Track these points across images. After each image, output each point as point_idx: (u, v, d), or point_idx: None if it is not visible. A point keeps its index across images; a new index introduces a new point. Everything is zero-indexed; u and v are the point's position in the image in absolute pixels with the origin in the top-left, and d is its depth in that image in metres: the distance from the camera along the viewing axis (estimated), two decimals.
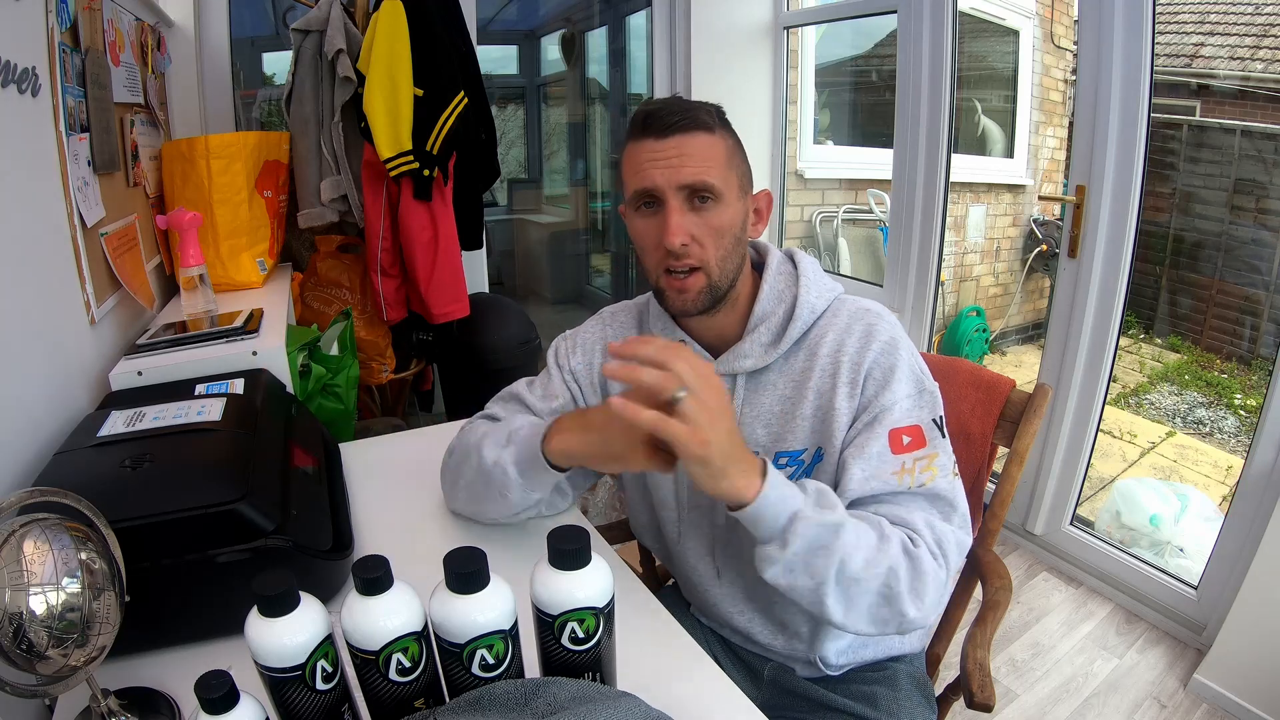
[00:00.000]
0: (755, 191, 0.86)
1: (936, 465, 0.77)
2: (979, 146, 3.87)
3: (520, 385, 0.96)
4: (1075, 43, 3.23)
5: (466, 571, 0.51)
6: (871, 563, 0.69)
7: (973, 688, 0.86)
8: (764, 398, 0.85)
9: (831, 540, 0.68)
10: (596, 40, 3.57)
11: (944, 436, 0.80)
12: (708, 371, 0.66)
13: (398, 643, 0.52)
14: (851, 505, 0.76)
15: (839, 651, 0.91)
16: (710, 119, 0.79)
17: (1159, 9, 1.64)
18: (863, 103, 3.49)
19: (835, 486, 0.78)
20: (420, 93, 1.68)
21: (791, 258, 0.89)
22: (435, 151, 1.72)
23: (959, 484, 0.79)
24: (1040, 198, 3.98)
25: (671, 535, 0.95)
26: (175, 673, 0.67)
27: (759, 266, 0.89)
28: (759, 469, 0.68)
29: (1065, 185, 1.90)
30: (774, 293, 0.85)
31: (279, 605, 0.50)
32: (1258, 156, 3.31)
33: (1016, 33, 3.72)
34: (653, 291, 0.87)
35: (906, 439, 0.77)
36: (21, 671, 0.54)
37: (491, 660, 0.53)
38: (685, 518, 0.92)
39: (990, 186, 3.89)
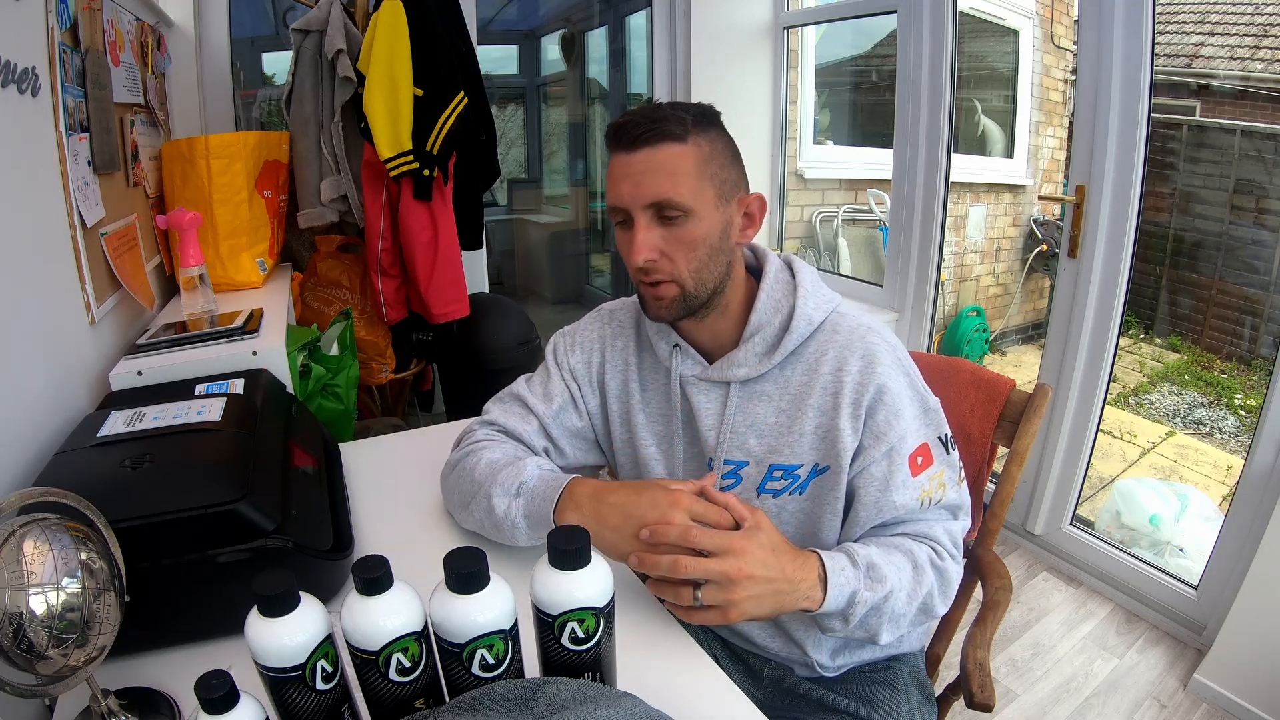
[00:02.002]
0: (748, 194, 0.84)
1: (946, 480, 0.83)
2: (979, 146, 3.86)
3: (520, 385, 0.96)
4: (1075, 43, 3.24)
5: (466, 571, 0.51)
6: (912, 596, 0.77)
7: (973, 688, 0.86)
8: (758, 407, 0.85)
9: (883, 604, 0.75)
10: (596, 40, 3.57)
11: (949, 452, 0.84)
12: (723, 520, 0.72)
13: (398, 643, 0.52)
14: (878, 528, 0.82)
15: (834, 652, 0.91)
16: (681, 128, 0.76)
17: (1159, 9, 1.64)
18: (863, 103, 3.48)
19: (851, 504, 0.83)
20: (420, 93, 1.68)
21: (790, 266, 0.88)
22: (435, 151, 1.71)
23: (964, 488, 0.87)
24: (1040, 198, 3.98)
25: None
26: (175, 673, 0.67)
27: (757, 272, 0.88)
28: (817, 576, 0.73)
29: (1065, 185, 1.90)
30: (771, 302, 0.84)
31: (279, 605, 0.50)
32: (1258, 156, 3.31)
33: (1016, 33, 3.72)
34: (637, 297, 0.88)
35: (920, 459, 0.81)
36: (21, 671, 0.54)
37: (491, 660, 0.53)
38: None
39: (990, 186, 3.89)
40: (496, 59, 3.84)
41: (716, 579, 0.68)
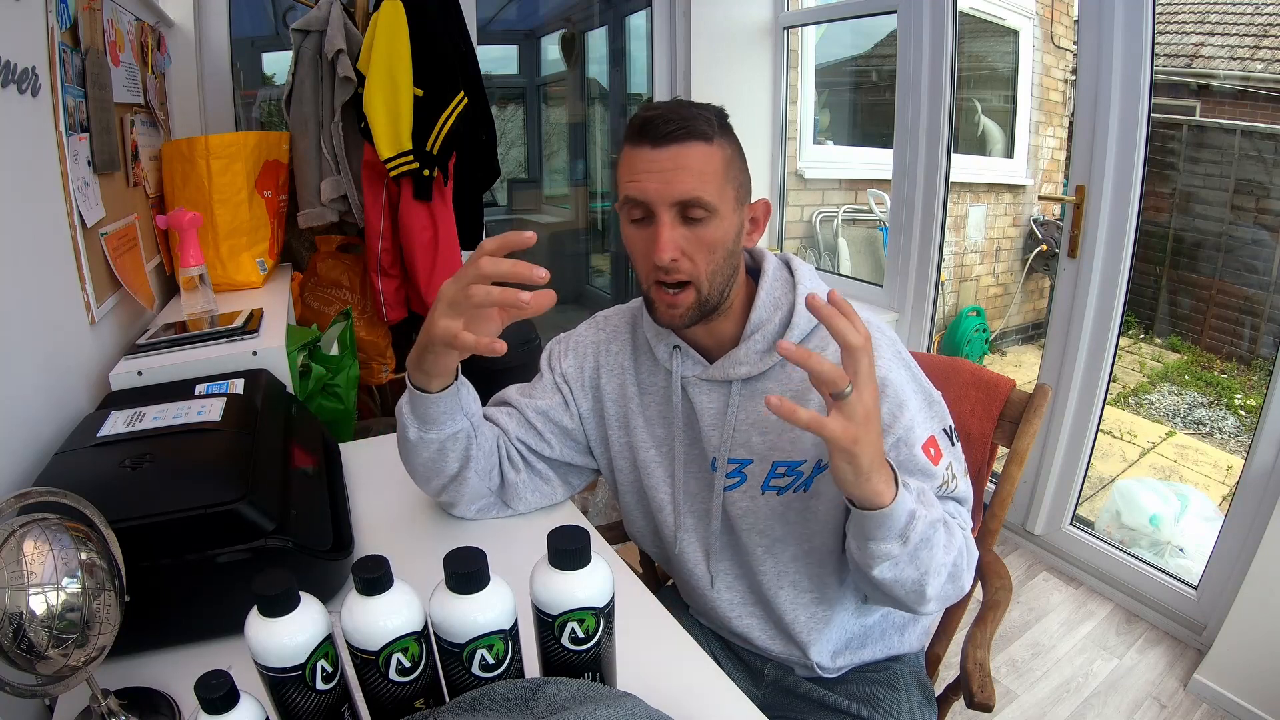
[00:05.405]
0: (754, 200, 0.84)
1: (954, 471, 0.83)
2: (979, 146, 3.86)
3: (511, 389, 0.97)
4: (1075, 43, 3.24)
5: (466, 571, 0.51)
6: (947, 548, 0.74)
7: (973, 688, 0.86)
8: (760, 405, 0.84)
9: (933, 534, 0.72)
10: (596, 40, 3.56)
11: (953, 444, 0.84)
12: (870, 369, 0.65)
13: (398, 643, 0.52)
14: None
15: (835, 654, 0.91)
16: (709, 128, 0.76)
17: (1159, 9, 1.64)
18: (863, 103, 3.48)
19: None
20: (420, 93, 1.68)
21: (788, 264, 0.88)
22: (435, 151, 1.72)
23: (969, 481, 0.87)
24: (1040, 198, 3.98)
25: (668, 539, 0.95)
26: (175, 673, 0.67)
27: (754, 272, 0.88)
28: (893, 474, 0.69)
29: (1065, 185, 1.90)
30: (770, 300, 0.85)
31: (279, 605, 0.50)
32: (1258, 156, 3.31)
33: (1016, 33, 3.72)
34: (642, 299, 0.87)
35: (932, 450, 0.81)
36: (21, 671, 0.54)
37: (491, 660, 0.53)
38: (681, 523, 0.92)
39: (990, 186, 3.89)
40: (496, 59, 3.83)
41: (862, 384, 0.64)
